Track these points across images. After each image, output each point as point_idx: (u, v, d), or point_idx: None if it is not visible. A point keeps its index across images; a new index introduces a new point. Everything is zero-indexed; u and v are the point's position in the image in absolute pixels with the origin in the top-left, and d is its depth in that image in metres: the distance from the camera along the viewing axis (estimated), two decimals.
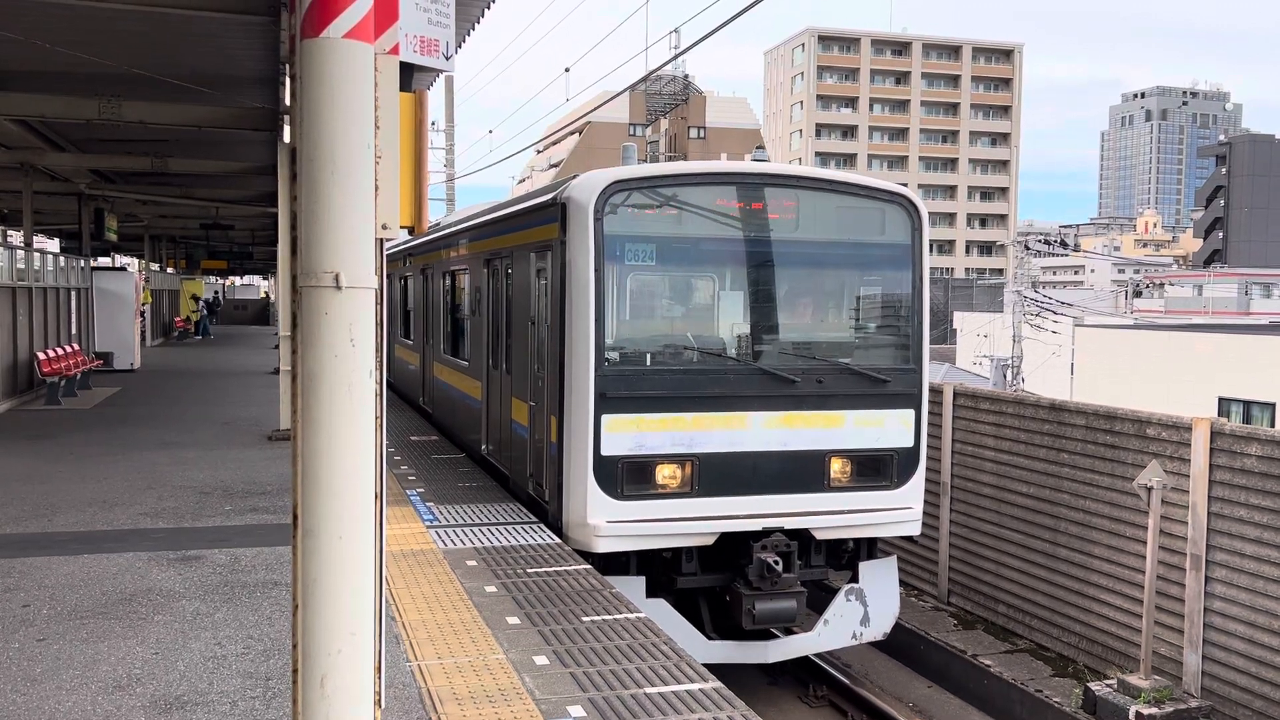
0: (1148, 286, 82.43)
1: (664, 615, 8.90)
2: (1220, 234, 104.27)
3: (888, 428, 9.62)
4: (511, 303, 11.02)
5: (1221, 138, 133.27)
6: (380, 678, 3.57)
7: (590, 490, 8.92)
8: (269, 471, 13.02)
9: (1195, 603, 9.34)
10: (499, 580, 8.04)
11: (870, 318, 10.24)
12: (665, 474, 9.08)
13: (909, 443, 9.72)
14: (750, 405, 9.22)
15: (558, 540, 9.36)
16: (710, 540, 9.15)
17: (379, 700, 3.55)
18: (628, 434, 8.94)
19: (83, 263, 26.34)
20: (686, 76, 77.49)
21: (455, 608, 7.36)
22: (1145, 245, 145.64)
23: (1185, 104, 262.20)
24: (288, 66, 13.38)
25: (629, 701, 5.74)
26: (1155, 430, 9.81)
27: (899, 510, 9.71)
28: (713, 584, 9.49)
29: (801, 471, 9.37)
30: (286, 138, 16.34)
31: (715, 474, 9.14)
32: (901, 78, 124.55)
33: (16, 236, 34.02)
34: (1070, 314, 42.99)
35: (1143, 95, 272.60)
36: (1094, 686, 9.38)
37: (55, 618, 7.27)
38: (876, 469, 9.64)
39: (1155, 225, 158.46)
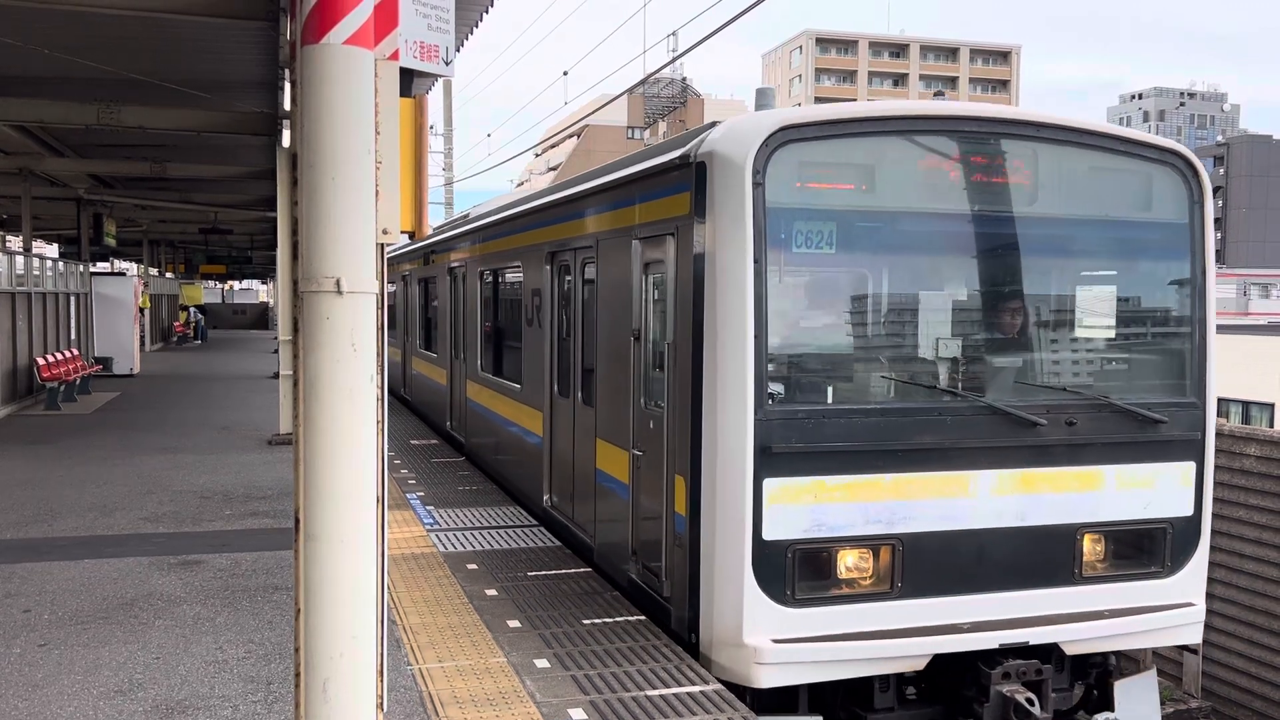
0: None
1: None
2: (1218, 234, 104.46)
3: (1160, 489, 6.90)
4: (597, 310, 8.36)
5: (1219, 138, 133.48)
6: (383, 681, 3.58)
7: (748, 593, 6.15)
8: (268, 476, 13.04)
9: None
10: (499, 583, 8.05)
11: (1134, 330, 7.39)
12: (854, 566, 6.40)
13: (1187, 509, 6.96)
14: (975, 460, 6.51)
15: (558, 543, 9.35)
16: (921, 664, 6.39)
17: (381, 704, 3.56)
18: (801, 507, 6.26)
19: (81, 268, 26.35)
20: (684, 79, 77.64)
21: (456, 611, 7.37)
22: None
23: (1183, 104, 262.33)
24: (287, 71, 13.42)
25: (630, 704, 5.75)
26: None
27: (1176, 610, 6.91)
28: None
29: (1044, 557, 6.68)
30: (285, 142, 16.39)
31: (927, 564, 6.46)
32: (899, 80, 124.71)
33: (15, 242, 34.03)
34: None
35: (1140, 96, 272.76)
36: None
37: (56, 623, 7.27)
38: (1142, 548, 6.95)
39: None
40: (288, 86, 14.08)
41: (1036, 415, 6.57)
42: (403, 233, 3.79)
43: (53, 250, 39.93)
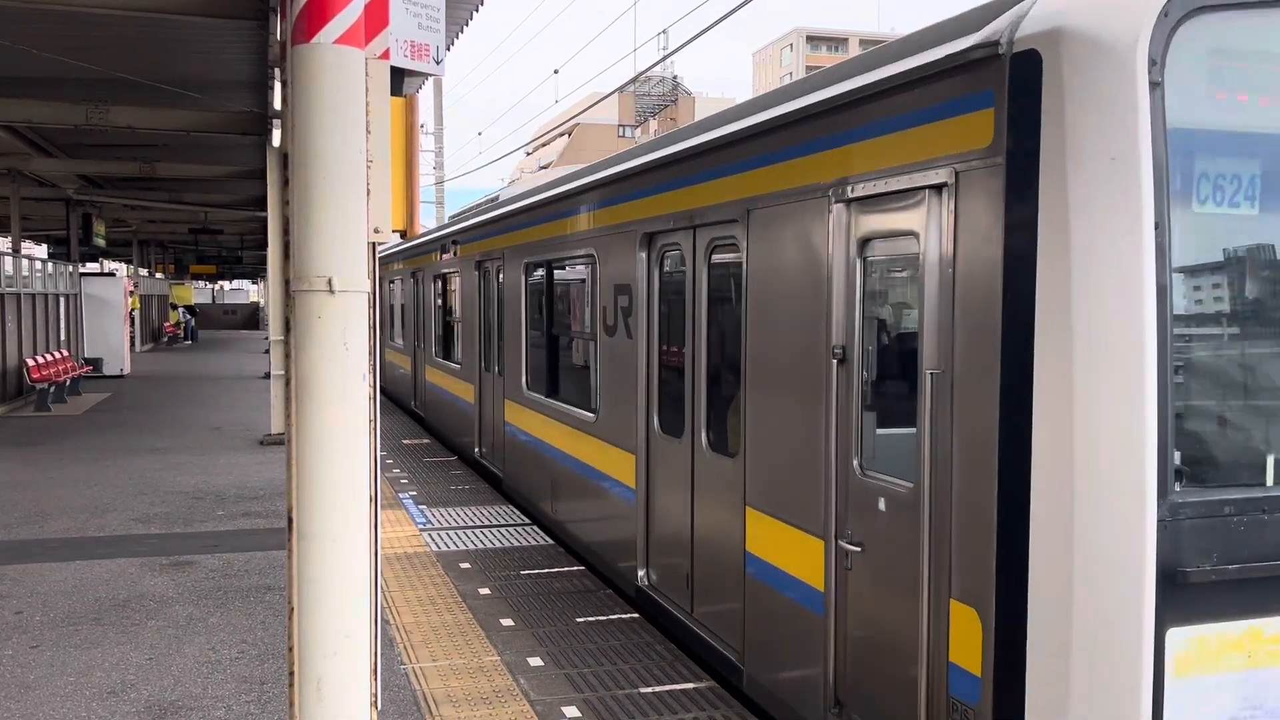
0: None
1: None
2: None
3: None
4: (744, 313, 5.74)
5: None
6: (376, 680, 3.59)
7: None
8: (260, 476, 13.01)
9: None
10: (492, 582, 8.06)
11: None
12: None
13: None
14: None
15: (551, 541, 9.35)
16: None
17: (375, 702, 3.56)
18: (1227, 676, 3.63)
19: (71, 268, 26.27)
20: (675, 77, 77.71)
21: (449, 610, 7.37)
22: None
23: None
24: (277, 70, 13.39)
25: (624, 701, 5.76)
26: None
27: None
28: None
29: None
30: (275, 141, 16.34)
31: None
32: None
33: (4, 243, 33.89)
34: None
35: None
36: None
37: (48, 624, 7.26)
38: None
39: None
40: (278, 86, 14.05)
41: None
42: (394, 231, 3.79)
43: (41, 251, 39.79)
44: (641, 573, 7.34)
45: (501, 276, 11.46)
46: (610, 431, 7.90)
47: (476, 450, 12.79)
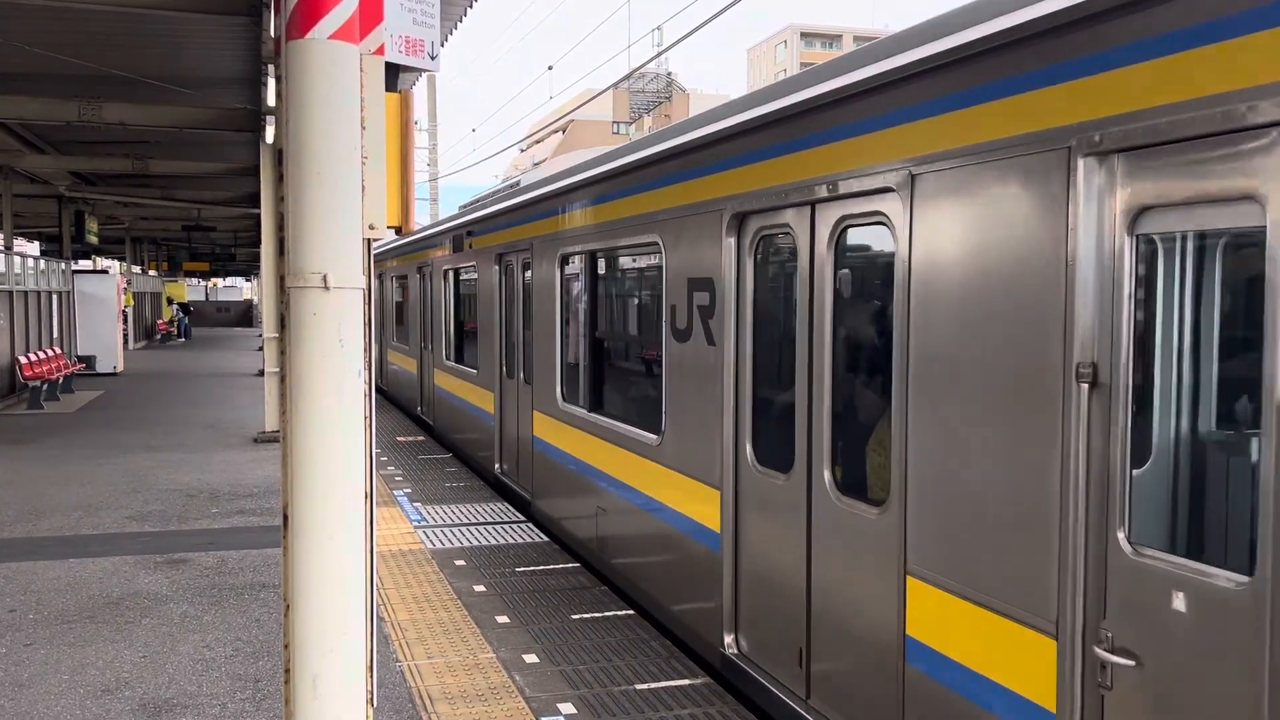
0: None
1: None
2: None
3: None
4: (904, 313, 4.34)
5: None
6: (372, 677, 3.58)
7: None
8: (255, 473, 12.99)
9: None
10: (487, 579, 8.05)
11: None
12: None
13: None
14: None
15: (546, 539, 9.35)
16: None
17: (371, 699, 3.56)
18: None
19: (63, 266, 26.20)
20: (669, 74, 77.75)
21: (445, 607, 7.37)
22: None
23: None
24: (270, 67, 13.37)
25: (619, 698, 5.76)
26: None
27: None
28: None
29: None
30: (269, 138, 16.31)
31: None
32: None
33: None
34: None
35: None
36: None
37: (42, 622, 7.24)
38: None
39: None
40: (271, 82, 14.03)
41: None
42: (389, 228, 3.78)
43: (34, 248, 39.68)
44: (729, 638, 6.00)
45: (529, 270, 10.11)
46: (681, 459, 6.52)
47: (497, 467, 11.54)
